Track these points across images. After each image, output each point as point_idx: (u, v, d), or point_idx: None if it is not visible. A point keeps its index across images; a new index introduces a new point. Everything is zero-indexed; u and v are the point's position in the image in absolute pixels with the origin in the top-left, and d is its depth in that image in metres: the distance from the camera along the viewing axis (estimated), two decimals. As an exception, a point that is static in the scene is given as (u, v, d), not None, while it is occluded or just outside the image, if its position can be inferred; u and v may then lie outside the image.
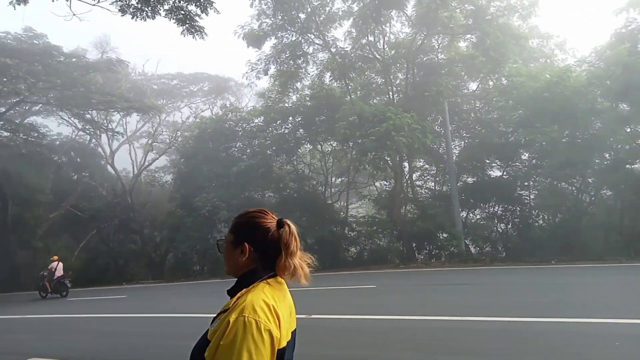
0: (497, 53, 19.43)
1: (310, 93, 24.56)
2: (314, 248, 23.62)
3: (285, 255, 1.65)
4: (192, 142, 28.06)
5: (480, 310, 8.00)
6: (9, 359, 8.17)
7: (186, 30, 9.14)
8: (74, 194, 29.79)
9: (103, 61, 27.94)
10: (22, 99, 25.41)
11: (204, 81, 36.86)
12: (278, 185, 26.03)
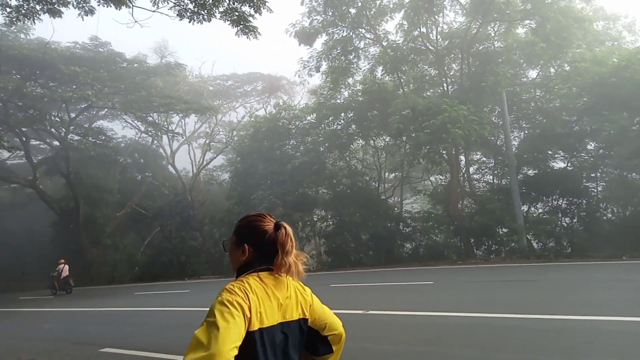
0: (559, 38, 18.42)
1: (362, 88, 24.44)
2: (369, 244, 23.56)
3: (281, 254, 1.80)
4: (247, 141, 28.70)
5: (545, 308, 7.67)
6: (85, 348, 8.75)
7: (240, 31, 9.37)
8: (139, 194, 31.33)
9: (162, 65, 29.18)
10: (90, 105, 27.05)
11: (257, 81, 37.59)
12: (331, 181, 26.14)
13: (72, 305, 15.80)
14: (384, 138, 25.80)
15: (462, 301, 9.36)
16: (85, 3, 10.54)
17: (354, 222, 22.35)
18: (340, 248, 23.88)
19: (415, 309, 8.71)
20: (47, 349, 9.14)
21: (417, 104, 19.99)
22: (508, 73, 19.92)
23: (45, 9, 10.88)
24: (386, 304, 9.56)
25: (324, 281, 16.48)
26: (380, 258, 22.09)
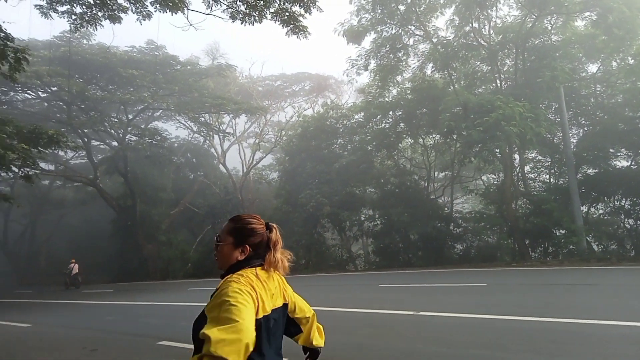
0: (622, 30, 17.39)
1: (411, 86, 24.10)
2: (418, 244, 23.20)
3: (273, 251, 2.08)
4: (295, 141, 29.00)
5: (609, 313, 7.26)
6: (143, 341, 9.11)
7: (290, 31, 9.48)
8: (191, 192, 32.35)
9: (214, 67, 30.00)
10: (147, 106, 28.24)
11: (305, 80, 37.90)
12: (379, 180, 25.97)
13: (131, 299, 16.50)
14: (433, 136, 25.32)
15: (519, 304, 9.02)
16: (143, 8, 10.98)
17: (403, 222, 22.07)
18: (388, 248, 23.66)
19: (468, 311, 8.48)
20: (108, 339, 9.60)
21: (469, 101, 19.46)
22: (566, 68, 19.01)
23: (106, 15, 11.41)
24: (437, 306, 9.36)
25: (372, 281, 16.38)
26: (429, 259, 21.69)
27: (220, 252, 2.05)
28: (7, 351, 9.26)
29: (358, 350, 6.72)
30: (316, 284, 17.33)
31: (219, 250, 2.06)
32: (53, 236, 36.81)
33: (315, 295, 13.81)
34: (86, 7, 11.25)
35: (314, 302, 11.02)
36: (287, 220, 25.97)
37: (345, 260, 26.25)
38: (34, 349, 9.23)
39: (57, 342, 9.84)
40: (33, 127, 13.69)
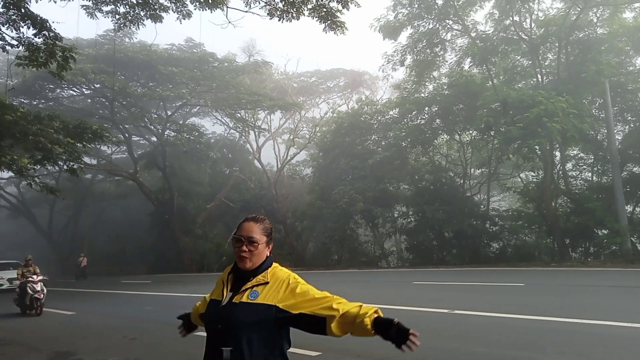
0: (674, 21, 16.58)
1: (447, 81, 23.69)
2: (452, 242, 22.86)
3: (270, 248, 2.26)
4: (329, 137, 29.05)
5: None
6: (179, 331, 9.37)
7: (328, 27, 9.50)
8: (227, 187, 32.90)
9: (250, 64, 30.37)
10: (185, 102, 28.88)
11: (340, 76, 37.83)
12: (413, 177, 25.72)
13: (167, 290, 16.97)
14: (470, 132, 24.83)
15: (559, 305, 8.78)
16: (183, 7, 11.23)
17: (437, 219, 21.77)
18: (422, 245, 23.43)
19: (505, 310, 8.32)
20: (147, 328, 9.93)
21: (508, 97, 18.97)
22: (612, 62, 18.25)
23: (148, 14, 11.72)
24: (473, 304, 9.22)
25: (405, 278, 16.28)
26: (464, 257, 21.36)
27: (257, 251, 2.10)
28: (54, 337, 9.71)
29: (390, 348, 6.66)
30: (349, 279, 17.37)
31: (256, 249, 2.10)
32: (94, 228, 38.22)
33: (348, 291, 13.84)
34: (129, 7, 11.58)
35: (347, 298, 11.03)
36: (321, 216, 26.09)
37: (377, 257, 26.16)
38: (78, 336, 9.64)
39: (99, 329, 10.25)
40: (78, 122, 14.25)
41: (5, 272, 22.31)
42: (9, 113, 11.92)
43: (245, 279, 2.08)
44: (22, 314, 12.82)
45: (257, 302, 1.98)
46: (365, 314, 2.07)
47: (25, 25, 10.12)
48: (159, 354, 7.53)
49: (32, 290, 12.47)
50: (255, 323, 1.95)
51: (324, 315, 2.00)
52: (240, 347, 1.93)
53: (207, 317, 2.12)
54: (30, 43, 10.44)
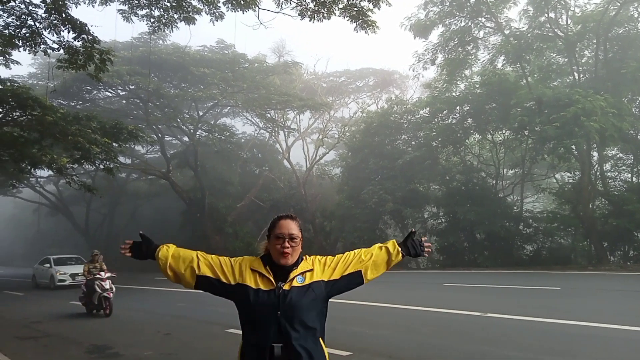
0: None
1: (480, 80, 23.23)
2: (484, 244, 22.44)
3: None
4: (358, 136, 28.94)
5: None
6: (212, 327, 9.54)
7: (359, 26, 9.50)
8: (256, 186, 33.19)
9: (280, 64, 30.57)
10: (216, 103, 29.32)
11: (370, 76, 37.65)
12: (444, 177, 25.37)
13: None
14: (503, 132, 24.30)
15: (597, 311, 8.52)
16: (215, 9, 11.41)
17: (469, 220, 21.39)
18: (453, 247, 23.08)
19: (540, 314, 8.12)
20: (180, 324, 10.14)
21: (544, 95, 18.49)
22: (655, 58, 17.56)
23: (181, 17, 11.96)
24: (506, 308, 9.05)
25: (436, 280, 16.11)
26: (496, 259, 20.91)
27: (297, 246, 2.24)
28: (91, 331, 10.03)
29: (421, 349, 6.65)
30: (378, 280, 17.16)
31: (297, 244, 2.23)
32: (128, 226, 39.18)
33: (377, 291, 13.77)
34: (163, 10, 11.85)
35: (375, 298, 11.02)
36: (350, 216, 26.04)
37: (407, 258, 25.87)
38: (114, 330, 9.93)
39: (134, 324, 10.54)
40: (115, 122, 14.69)
41: (67, 267, 21.41)
42: (50, 114, 12.38)
43: (285, 271, 2.21)
44: (87, 313, 12.01)
45: (308, 283, 2.21)
46: (392, 250, 2.54)
47: (66, 29, 10.49)
48: (193, 350, 7.68)
49: (101, 288, 11.51)
50: (311, 302, 2.18)
51: (359, 269, 2.38)
52: (298, 328, 2.11)
53: (262, 305, 2.14)
54: (70, 46, 10.82)
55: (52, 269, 21.19)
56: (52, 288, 20.41)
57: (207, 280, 2.27)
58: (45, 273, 21.64)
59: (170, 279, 2.35)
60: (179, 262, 2.32)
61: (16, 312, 13.26)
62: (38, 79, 28.20)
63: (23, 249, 53.67)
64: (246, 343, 2.18)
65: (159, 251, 2.34)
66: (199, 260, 2.31)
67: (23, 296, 18.67)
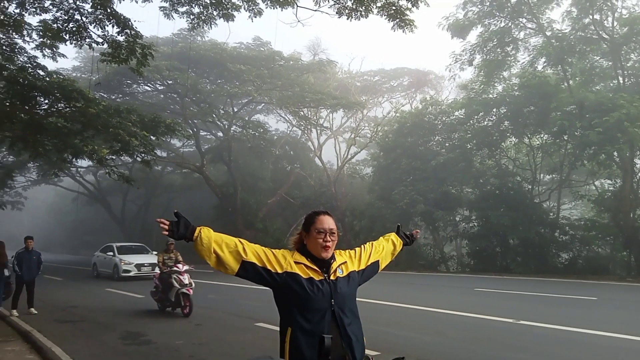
0: None
1: (519, 82, 22.67)
2: (517, 249, 21.93)
3: None
4: (391, 136, 28.73)
5: None
6: (242, 321, 9.69)
7: (396, 25, 9.43)
8: (287, 183, 33.44)
9: (315, 63, 30.66)
10: (251, 99, 29.65)
11: (404, 76, 37.33)
12: (478, 180, 24.89)
13: (229, 281, 17.51)
14: (541, 136, 23.65)
15: (634, 323, 8.21)
16: (254, 6, 11.54)
17: (502, 225, 20.92)
18: (484, 251, 22.64)
19: (575, 324, 7.89)
20: (211, 316, 10.34)
21: (586, 99, 17.90)
22: None
23: (220, 14, 12.15)
24: (539, 316, 8.82)
25: (466, 284, 15.84)
26: (530, 266, 20.39)
27: (336, 240, 2.42)
28: (125, 318, 10.35)
29: (450, 353, 6.58)
30: (408, 282, 17.15)
31: (336, 239, 2.41)
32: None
33: (409, 293, 13.69)
34: (203, 7, 12.07)
35: (404, 299, 10.95)
36: (380, 216, 25.89)
37: (437, 261, 25.59)
38: (147, 318, 10.22)
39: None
40: (153, 116, 15.04)
41: (131, 257, 19.69)
42: (93, 106, 12.79)
43: (324, 264, 2.37)
44: (160, 310, 10.77)
45: (347, 274, 2.42)
46: (397, 242, 2.90)
47: (110, 24, 10.82)
48: (223, 341, 7.82)
49: (179, 283, 9.97)
50: (353, 291, 2.42)
51: (377, 259, 2.67)
52: (349, 315, 2.31)
53: (318, 294, 2.25)
54: (114, 41, 11.16)
55: (115, 257, 19.73)
56: (116, 279, 19.00)
57: (252, 266, 2.31)
58: (107, 262, 20.25)
59: (211, 262, 2.35)
60: (222, 245, 2.33)
61: (55, 296, 13.78)
62: (81, 72, 29.22)
63: (62, 235, 55.83)
64: (298, 330, 2.21)
65: (199, 232, 2.33)
66: (244, 246, 2.35)
67: (61, 281, 19.40)
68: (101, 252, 21.43)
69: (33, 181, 36.10)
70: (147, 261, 19.35)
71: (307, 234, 2.39)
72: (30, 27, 12.33)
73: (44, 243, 53.46)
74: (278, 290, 2.32)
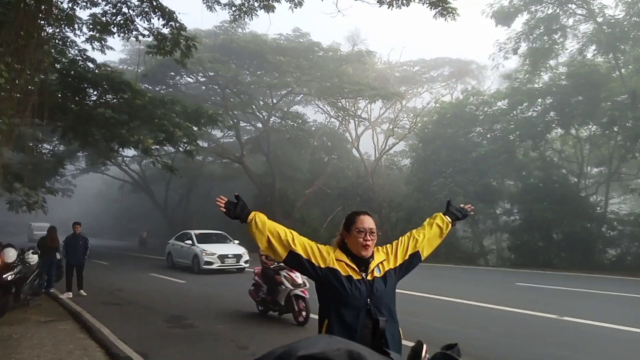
0: None
1: (566, 71, 21.81)
2: (561, 244, 21.26)
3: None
4: (430, 127, 28.30)
5: None
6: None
7: (438, 13, 9.25)
8: (325, 174, 33.52)
9: (354, 53, 30.49)
10: (290, 91, 29.82)
11: (445, 65, 36.58)
12: (520, 173, 24.20)
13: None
14: (589, 127, 22.72)
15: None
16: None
17: (546, 219, 20.29)
18: (526, 245, 22.03)
19: (623, 322, 7.61)
20: (249, 302, 10.53)
21: (639, 88, 17.05)
22: None
23: (261, 5, 12.25)
24: (585, 312, 8.55)
25: (507, 278, 15.53)
26: (574, 261, 19.72)
27: (375, 240, 2.49)
28: (169, 302, 10.73)
29: (491, 347, 6.50)
30: (446, 274, 16.96)
31: (376, 238, 2.49)
32: (204, 206, 41.08)
33: (444, 285, 13.54)
34: (244, 0, 12.20)
35: (443, 292, 10.82)
36: (418, 208, 25.60)
37: (476, 254, 25.12)
38: (189, 303, 10.56)
39: (207, 299, 11.12)
40: (196, 107, 15.46)
41: (213, 246, 17.40)
42: (139, 97, 13.24)
43: (363, 263, 2.45)
44: (261, 313, 8.93)
45: (384, 273, 2.47)
46: (442, 223, 2.77)
47: (156, 16, 11.13)
48: (262, 327, 8.00)
49: (291, 282, 7.90)
50: (389, 289, 2.44)
51: (417, 250, 2.62)
52: (385, 313, 2.36)
53: (356, 292, 2.36)
54: (159, 33, 11.47)
55: (195, 247, 17.38)
56: (196, 272, 16.75)
57: (297, 257, 2.46)
58: (185, 252, 17.93)
59: (262, 245, 2.53)
60: (274, 232, 2.52)
61: (102, 280, 14.41)
62: (127, 64, 30.17)
63: (109, 222, 58.13)
64: (334, 323, 2.36)
65: (255, 216, 2.55)
66: (294, 237, 2.53)
67: (108, 265, 20.26)
68: (177, 240, 19.27)
69: (82, 169, 37.68)
70: (230, 252, 17.40)
71: (347, 233, 2.50)
72: (81, 21, 12.84)
73: (91, 229, 55.81)
74: (319, 283, 2.46)
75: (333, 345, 0.98)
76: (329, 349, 0.95)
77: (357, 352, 0.97)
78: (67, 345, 6.65)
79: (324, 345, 0.97)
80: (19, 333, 7.33)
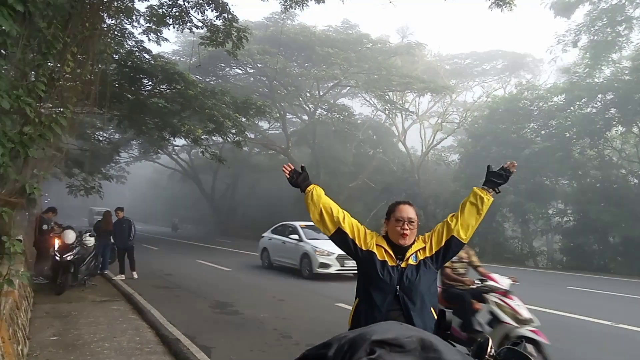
0: None
1: (630, 65, 20.54)
2: (618, 248, 20.22)
3: None
4: (481, 122, 27.52)
5: None
6: (323, 299, 9.91)
7: (494, 4, 8.92)
8: (369, 168, 33.30)
9: (403, 45, 30.00)
10: (337, 83, 29.75)
11: (498, 59, 35.44)
12: (576, 172, 23.09)
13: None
14: (654, 125, 21.36)
15: None
16: (346, -15, 11.48)
17: (602, 221, 19.32)
18: (580, 248, 21.08)
19: (687, 334, 7.14)
20: (294, 293, 10.71)
21: None
22: None
23: (313, -5, 12.23)
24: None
25: (559, 281, 14.94)
26: (632, 267, 18.67)
27: (415, 229, 2.58)
28: (216, 289, 10.98)
29: (543, 351, 6.23)
30: (493, 274, 16.43)
31: (415, 227, 2.58)
32: (249, 196, 41.89)
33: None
34: (296, -10, 12.22)
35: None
36: (466, 206, 25.01)
37: (525, 255, 24.28)
38: (234, 290, 10.78)
39: (252, 287, 11.34)
40: (245, 98, 15.71)
41: (327, 244, 12.23)
42: (191, 88, 13.58)
43: (403, 250, 2.54)
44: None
45: (420, 261, 2.53)
46: (476, 199, 2.67)
47: (209, 8, 11.36)
48: (304, 317, 8.07)
49: (514, 317, 4.97)
50: (423, 277, 2.47)
51: (452, 235, 2.59)
52: (415, 301, 2.41)
53: (387, 277, 2.46)
54: (212, 24, 11.71)
55: (305, 244, 13.42)
56: (306, 276, 12.98)
57: (343, 235, 2.63)
58: (291, 250, 14.00)
59: (314, 217, 2.72)
60: (327, 207, 2.72)
61: (153, 264, 14.98)
62: (180, 55, 31.01)
63: (159, 209, 60.36)
64: (363, 302, 2.51)
65: (313, 188, 2.79)
66: (345, 216, 2.69)
67: (157, 250, 21.05)
68: (276, 235, 15.38)
69: (135, 157, 39.19)
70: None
71: (388, 222, 2.64)
72: (139, 12, 13.28)
73: (143, 215, 58.18)
74: (359, 263, 2.62)
75: (406, 332, 1.01)
76: (402, 335, 0.98)
77: (429, 340, 0.99)
78: (120, 324, 6.96)
79: (397, 332, 1.00)
80: (77, 310, 7.76)
